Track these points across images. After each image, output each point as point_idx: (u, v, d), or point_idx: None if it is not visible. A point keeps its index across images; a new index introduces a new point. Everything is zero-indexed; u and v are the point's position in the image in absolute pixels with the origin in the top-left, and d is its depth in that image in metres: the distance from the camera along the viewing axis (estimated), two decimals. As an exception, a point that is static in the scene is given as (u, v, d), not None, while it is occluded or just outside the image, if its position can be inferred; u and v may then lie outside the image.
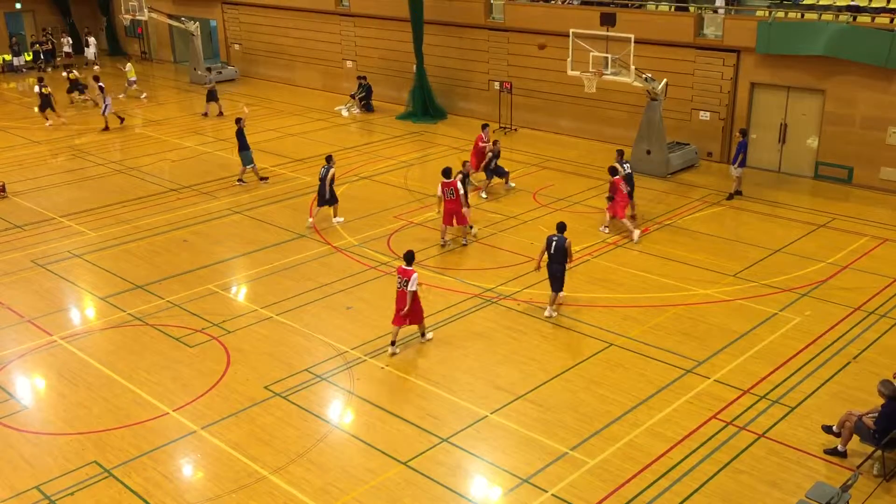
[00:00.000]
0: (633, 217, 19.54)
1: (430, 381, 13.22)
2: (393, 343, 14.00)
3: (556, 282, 15.22)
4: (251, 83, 37.03)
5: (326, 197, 19.66)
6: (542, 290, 16.25)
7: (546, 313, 15.27)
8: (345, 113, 31.31)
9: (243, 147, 22.59)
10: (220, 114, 31.00)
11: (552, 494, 10.66)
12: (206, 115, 31.07)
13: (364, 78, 31.73)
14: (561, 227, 15.35)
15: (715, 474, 11.00)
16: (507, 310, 15.59)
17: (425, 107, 30.12)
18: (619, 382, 13.19)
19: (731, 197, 21.22)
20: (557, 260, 15.08)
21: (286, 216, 20.51)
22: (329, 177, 19.49)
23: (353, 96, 31.80)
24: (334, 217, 20.00)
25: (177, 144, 27.27)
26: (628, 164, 19.91)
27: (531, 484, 10.88)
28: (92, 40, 41.69)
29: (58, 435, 12.05)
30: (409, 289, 13.61)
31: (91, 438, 11.92)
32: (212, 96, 30.82)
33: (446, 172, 18.27)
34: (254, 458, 11.41)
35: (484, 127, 22.50)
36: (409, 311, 13.81)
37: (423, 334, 14.45)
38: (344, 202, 21.27)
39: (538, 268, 15.59)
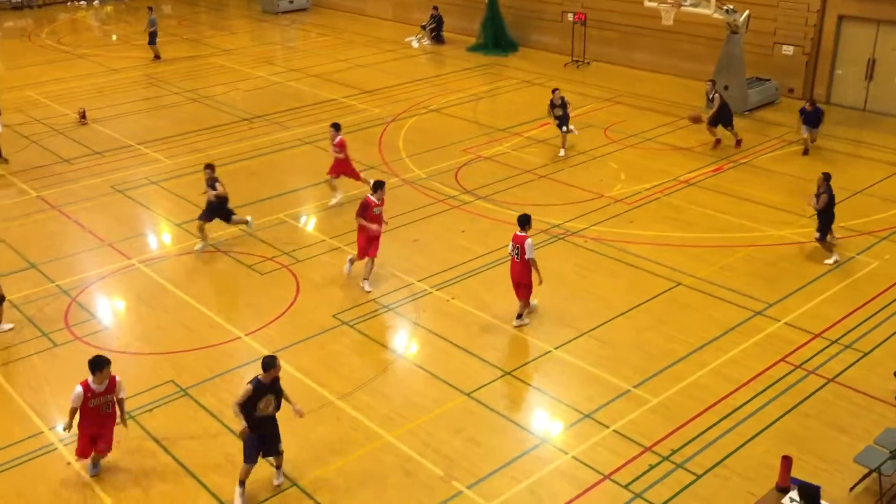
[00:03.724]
0: None
1: (495, 316, 13.29)
2: (519, 316, 12.96)
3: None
4: (322, 13, 36.87)
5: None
6: (611, 227, 16.09)
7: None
8: (415, 44, 31.02)
9: None
10: (157, 57, 29.12)
11: (613, 430, 10.72)
12: (158, 58, 29.15)
13: (436, 9, 31.28)
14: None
15: (780, 417, 10.89)
16: (575, 246, 15.50)
17: (496, 39, 29.60)
18: (685, 322, 13.06)
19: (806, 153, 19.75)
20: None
21: (355, 147, 20.54)
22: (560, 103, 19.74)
23: (423, 27, 31.44)
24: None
25: (249, 74, 27.48)
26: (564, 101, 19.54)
27: (593, 419, 10.96)
28: None
29: (137, 354, 12.57)
30: (527, 256, 12.36)
31: (168, 359, 12.41)
32: (152, 39, 28.87)
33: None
34: (322, 384, 11.73)
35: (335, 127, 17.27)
36: (524, 284, 12.61)
37: (519, 315, 12.93)
38: (413, 135, 21.26)
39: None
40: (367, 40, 31.92)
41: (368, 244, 14.02)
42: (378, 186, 14.06)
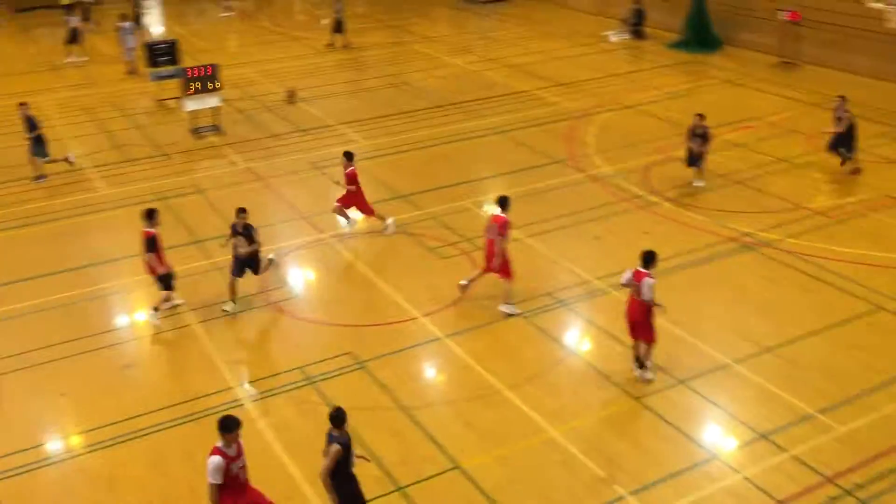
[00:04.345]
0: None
1: (673, 322, 12.88)
2: (638, 362, 11.68)
3: None
4: (523, 4, 36.94)
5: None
6: (807, 240, 15.16)
7: None
8: (614, 38, 30.47)
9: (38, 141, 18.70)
10: (345, 46, 29.88)
11: (792, 455, 10.14)
12: (331, 45, 29.87)
13: (637, 2, 30.57)
14: None
15: None
16: (766, 258, 14.73)
17: (700, 35, 28.49)
18: (884, 350, 12.10)
19: None
20: None
21: (545, 140, 20.58)
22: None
23: (624, 21, 30.83)
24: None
25: (446, 62, 28.10)
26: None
27: (769, 440, 10.41)
28: None
29: (320, 324, 13.27)
30: (644, 298, 11.24)
31: (349, 331, 13.01)
32: (338, 27, 29.59)
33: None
34: (492, 372, 11.87)
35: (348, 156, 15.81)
36: (641, 325, 11.45)
37: (641, 364, 11.66)
38: (603, 131, 20.98)
39: None
40: (565, 32, 31.72)
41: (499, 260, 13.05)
42: (506, 203, 13.06)
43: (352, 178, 15.55)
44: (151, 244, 12.91)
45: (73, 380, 11.95)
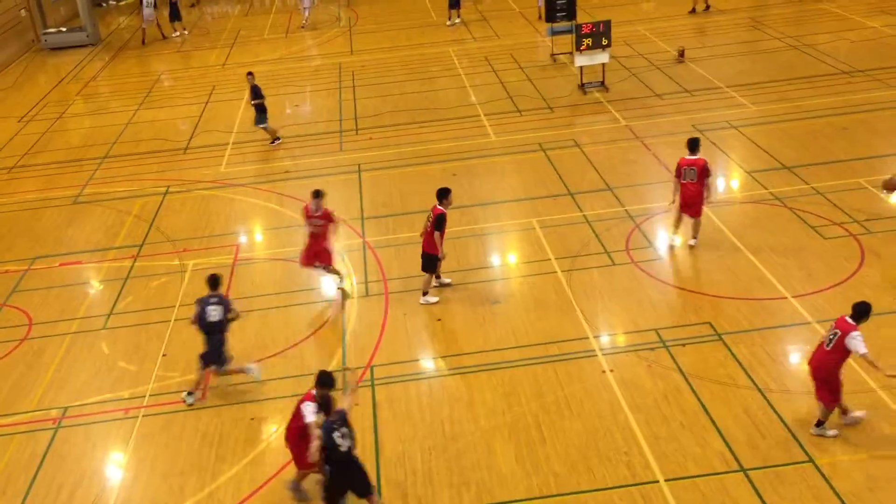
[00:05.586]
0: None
1: None
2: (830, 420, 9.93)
3: None
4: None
5: None
6: None
7: None
8: None
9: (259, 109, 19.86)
10: (707, 7, 28.27)
11: None
12: (704, 9, 28.34)
13: None
14: None
15: None
16: None
17: None
18: None
19: None
20: None
21: (971, 117, 17.84)
22: None
23: None
24: None
25: (860, 23, 25.34)
26: None
27: None
28: None
29: (681, 289, 13.07)
30: (859, 352, 9.48)
31: (709, 300, 12.65)
32: None
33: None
34: (865, 368, 10.80)
35: (316, 195, 13.11)
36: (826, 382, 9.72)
37: (853, 416, 9.94)
38: None
39: None
40: None
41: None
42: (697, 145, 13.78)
43: (326, 219, 13.10)
44: (440, 223, 12.57)
45: (449, 307, 13.18)
